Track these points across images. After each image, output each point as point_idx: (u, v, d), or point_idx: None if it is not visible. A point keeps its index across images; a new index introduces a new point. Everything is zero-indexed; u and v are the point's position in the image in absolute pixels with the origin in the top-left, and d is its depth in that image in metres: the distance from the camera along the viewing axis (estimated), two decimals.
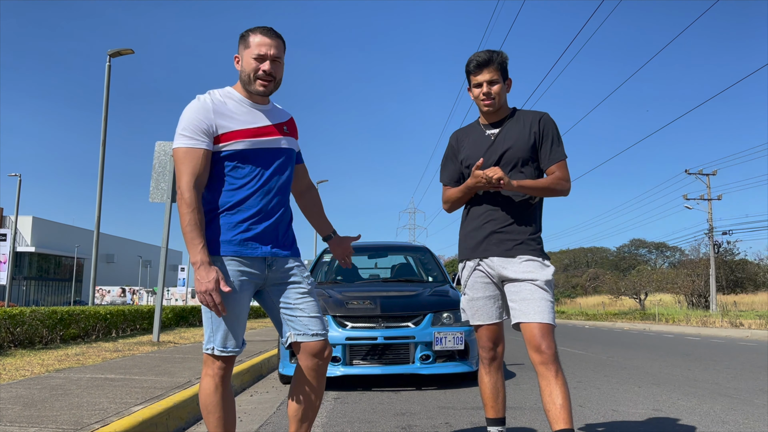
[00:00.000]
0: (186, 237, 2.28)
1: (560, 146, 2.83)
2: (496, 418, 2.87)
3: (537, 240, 2.80)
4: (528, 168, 2.81)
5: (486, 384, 2.88)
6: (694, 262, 44.11)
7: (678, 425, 3.97)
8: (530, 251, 2.76)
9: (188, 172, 2.31)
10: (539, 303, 2.66)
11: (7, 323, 7.43)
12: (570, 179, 2.82)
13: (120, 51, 15.29)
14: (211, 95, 2.43)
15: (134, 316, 11.24)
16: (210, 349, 2.40)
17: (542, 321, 2.63)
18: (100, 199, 14.93)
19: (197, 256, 2.27)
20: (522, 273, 2.71)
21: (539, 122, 2.82)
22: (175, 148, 2.35)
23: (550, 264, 2.77)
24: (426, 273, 7.43)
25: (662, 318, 31.76)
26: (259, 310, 25.48)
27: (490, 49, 2.83)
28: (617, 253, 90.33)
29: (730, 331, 19.81)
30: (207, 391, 2.41)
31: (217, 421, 2.40)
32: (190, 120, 2.34)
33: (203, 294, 2.28)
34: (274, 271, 2.45)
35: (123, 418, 3.32)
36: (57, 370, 5.37)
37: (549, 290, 2.71)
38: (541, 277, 2.70)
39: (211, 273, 2.27)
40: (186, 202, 2.28)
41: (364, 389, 5.46)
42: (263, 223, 2.42)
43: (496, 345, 2.87)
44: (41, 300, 58.25)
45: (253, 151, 2.39)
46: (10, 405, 3.65)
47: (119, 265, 71.16)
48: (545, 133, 2.81)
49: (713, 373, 7.00)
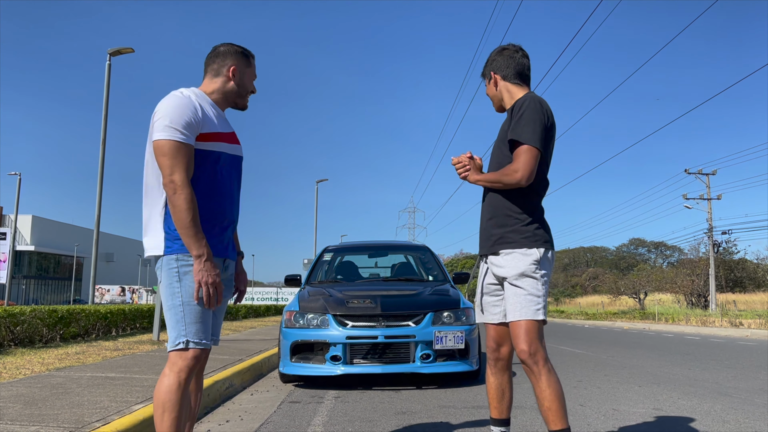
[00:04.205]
0: (188, 231, 2.27)
1: (518, 127, 2.62)
2: (499, 419, 2.86)
3: (518, 231, 2.68)
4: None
5: (491, 384, 2.87)
6: (694, 261, 44.07)
7: (678, 424, 3.97)
8: (509, 244, 2.67)
9: (183, 168, 2.29)
10: (512, 300, 2.63)
11: (7, 322, 7.43)
12: (523, 167, 2.59)
13: (120, 50, 15.27)
14: (193, 94, 2.44)
15: (134, 314, 11.23)
16: (182, 344, 2.32)
17: (513, 319, 2.62)
18: (99, 198, 14.92)
19: (202, 249, 2.29)
20: (504, 271, 2.68)
21: (513, 107, 2.71)
22: (163, 140, 2.29)
23: (532, 250, 2.64)
24: (426, 272, 7.43)
25: (662, 317, 31.78)
26: (259, 309, 25.47)
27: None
28: (617, 252, 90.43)
29: (730, 331, 19.82)
30: (168, 388, 2.29)
31: (171, 421, 2.27)
32: (180, 114, 2.32)
33: (209, 286, 2.29)
34: (225, 273, 2.55)
35: (124, 416, 3.32)
36: (57, 369, 5.37)
37: (524, 284, 2.61)
38: (514, 271, 2.63)
39: (216, 267, 2.32)
40: (186, 197, 2.27)
41: (365, 388, 5.46)
42: (229, 225, 2.51)
43: (500, 345, 2.84)
44: (41, 299, 58.23)
45: (225, 155, 2.47)
46: (11, 404, 3.64)
47: (119, 264, 71.17)
48: (513, 116, 2.68)
49: (713, 373, 7.00)
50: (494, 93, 2.90)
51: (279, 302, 44.99)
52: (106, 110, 15.25)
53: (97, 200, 14.92)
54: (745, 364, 8.24)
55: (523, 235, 2.68)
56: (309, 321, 5.63)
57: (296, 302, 5.96)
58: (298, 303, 5.89)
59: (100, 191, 14.95)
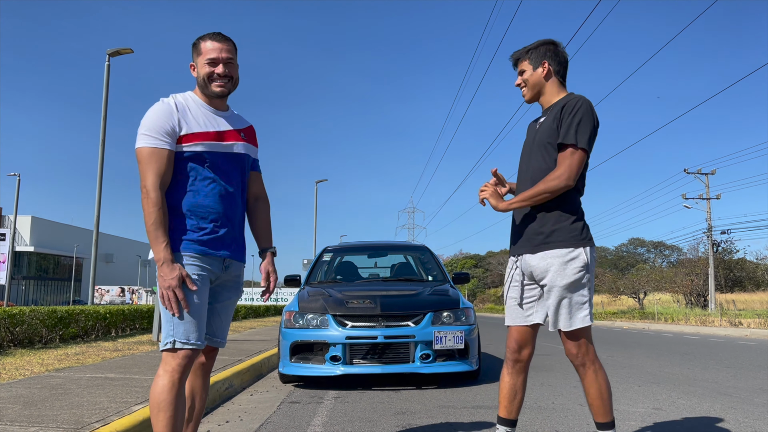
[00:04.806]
0: (150, 235, 2.33)
1: (571, 130, 2.61)
2: (506, 419, 2.81)
3: (565, 229, 2.65)
4: (556, 155, 2.68)
5: (505, 383, 2.82)
6: (693, 261, 44.07)
7: (678, 424, 3.97)
8: (556, 243, 2.64)
9: (154, 172, 2.36)
10: (560, 310, 2.64)
11: (7, 323, 7.43)
12: (569, 170, 2.60)
13: (119, 50, 15.27)
14: (174, 98, 2.50)
15: (134, 315, 11.23)
16: (170, 344, 2.34)
17: (563, 329, 2.66)
18: (99, 199, 14.92)
19: (161, 253, 2.32)
20: (550, 276, 2.63)
21: (564, 107, 2.66)
22: (139, 148, 2.39)
23: (579, 250, 2.62)
24: (426, 272, 7.43)
25: (661, 317, 31.79)
26: (259, 310, 25.47)
27: (527, 45, 2.81)
28: (616, 252, 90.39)
29: (730, 330, 19.84)
30: (162, 388, 2.31)
31: (166, 421, 2.29)
32: (153, 121, 2.40)
33: (166, 290, 2.32)
34: (227, 272, 2.55)
35: (123, 417, 3.32)
36: (57, 370, 5.36)
37: (572, 292, 2.61)
38: (561, 280, 2.61)
39: (174, 270, 2.33)
40: (152, 201, 2.33)
41: (364, 388, 5.47)
42: (225, 225, 2.51)
43: (521, 348, 2.78)
44: (40, 299, 58.19)
45: (212, 154, 2.47)
46: (11, 404, 3.64)
47: (118, 265, 71.10)
48: (563, 116, 2.64)
49: (713, 372, 7.01)
50: (539, 82, 2.77)
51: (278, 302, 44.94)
52: (105, 111, 15.25)
53: (96, 201, 14.92)
54: (744, 363, 8.24)
55: (571, 233, 2.66)
56: (309, 321, 5.64)
57: (296, 302, 5.96)
58: (298, 303, 5.89)
59: (100, 192, 14.94)
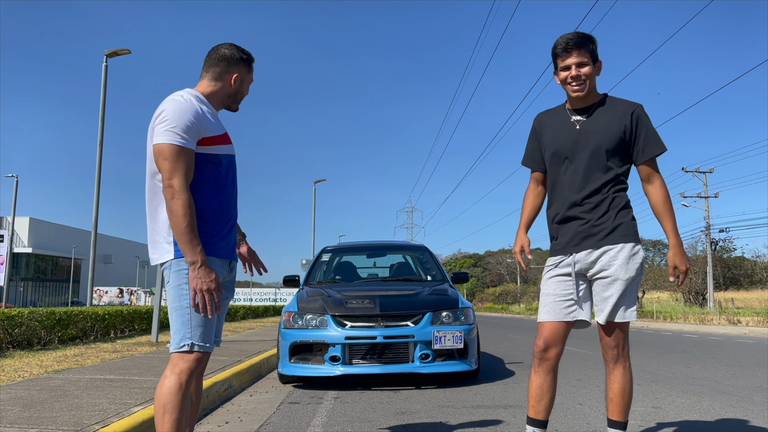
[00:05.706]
0: (184, 237, 2.26)
1: (656, 141, 2.66)
2: (535, 419, 2.74)
3: (629, 225, 2.62)
4: (614, 160, 2.66)
5: (533, 383, 2.74)
6: (692, 259, 44.14)
7: (677, 423, 3.97)
8: (622, 237, 2.60)
9: (182, 172, 2.29)
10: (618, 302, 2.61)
11: (5, 324, 7.42)
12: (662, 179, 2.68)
13: (117, 51, 15.25)
14: (194, 98, 2.45)
15: (132, 316, 11.22)
16: (188, 346, 2.33)
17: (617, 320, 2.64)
18: (97, 200, 14.90)
19: (197, 255, 2.27)
20: (612, 270, 2.60)
21: (632, 116, 2.66)
22: (166, 144, 2.29)
23: (638, 247, 2.60)
24: (425, 272, 7.43)
25: (660, 315, 31.80)
26: (258, 310, 25.46)
27: (580, 32, 2.72)
28: None
29: (728, 329, 19.86)
30: (169, 390, 2.29)
31: (172, 422, 2.27)
32: (183, 119, 2.32)
33: (205, 293, 2.29)
34: (229, 273, 2.56)
35: (123, 418, 3.32)
36: (56, 371, 5.36)
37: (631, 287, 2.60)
38: (624, 273, 2.58)
39: (212, 273, 2.31)
40: (184, 202, 2.27)
41: (364, 388, 5.46)
42: (233, 227, 2.53)
43: (549, 347, 2.69)
44: (38, 301, 58.11)
45: (225, 157, 2.49)
46: (10, 406, 3.64)
47: (117, 266, 71.02)
48: (638, 126, 2.66)
49: (712, 371, 7.02)
50: (592, 75, 2.71)
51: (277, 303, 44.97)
52: (103, 111, 15.23)
53: (94, 202, 14.90)
54: (743, 361, 8.25)
55: (633, 229, 2.65)
56: (308, 322, 5.63)
57: (295, 303, 5.95)
58: (297, 304, 5.88)
59: (98, 193, 14.92)
